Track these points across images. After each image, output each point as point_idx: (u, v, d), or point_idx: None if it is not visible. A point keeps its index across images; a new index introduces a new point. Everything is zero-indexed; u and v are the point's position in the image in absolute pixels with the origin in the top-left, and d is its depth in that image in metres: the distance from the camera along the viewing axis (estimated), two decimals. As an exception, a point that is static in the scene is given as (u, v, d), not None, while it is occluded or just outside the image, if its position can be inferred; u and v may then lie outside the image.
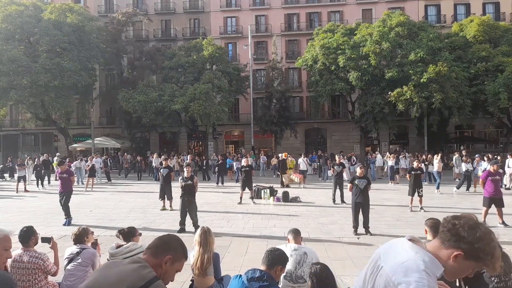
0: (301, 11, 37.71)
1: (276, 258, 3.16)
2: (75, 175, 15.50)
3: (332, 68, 28.07)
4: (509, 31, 29.24)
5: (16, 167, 18.84)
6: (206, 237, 4.36)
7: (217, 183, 19.68)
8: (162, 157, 19.46)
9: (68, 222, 9.91)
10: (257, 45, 37.75)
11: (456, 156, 20.74)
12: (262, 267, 3.12)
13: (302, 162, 19.17)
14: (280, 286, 4.34)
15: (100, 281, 1.70)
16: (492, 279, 3.98)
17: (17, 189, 17.45)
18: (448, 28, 32.71)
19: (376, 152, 26.17)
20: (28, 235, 4.17)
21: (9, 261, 3.99)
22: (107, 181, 22.19)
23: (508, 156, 17.07)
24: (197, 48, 31.64)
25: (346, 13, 37.05)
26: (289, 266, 4.35)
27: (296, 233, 4.67)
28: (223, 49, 33.40)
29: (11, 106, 34.63)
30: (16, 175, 19.02)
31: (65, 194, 10.16)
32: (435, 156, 17.53)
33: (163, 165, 12.71)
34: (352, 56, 26.88)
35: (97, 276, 1.76)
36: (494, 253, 1.48)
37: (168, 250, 1.81)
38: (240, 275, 3.09)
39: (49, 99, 27.73)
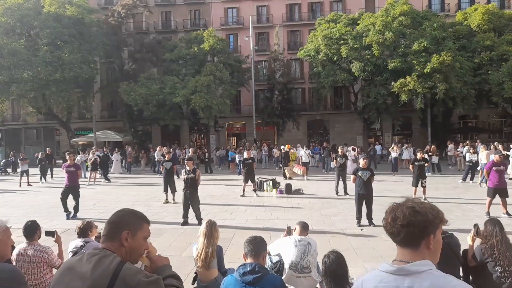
0: (302, 1, 37.28)
1: (259, 246, 3.19)
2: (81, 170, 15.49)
3: (335, 58, 27.85)
4: (514, 20, 28.85)
5: (19, 161, 18.89)
6: (211, 230, 4.36)
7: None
8: (164, 149, 19.42)
9: (73, 216, 9.97)
10: (259, 36, 37.44)
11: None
12: (249, 259, 3.13)
13: (304, 154, 19.10)
14: (284, 276, 4.35)
15: None
16: (496, 268, 3.97)
17: (20, 183, 17.53)
18: (452, 17, 32.32)
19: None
20: (32, 229, 4.19)
21: (14, 254, 4.03)
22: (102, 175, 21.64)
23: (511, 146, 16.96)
24: (198, 40, 31.42)
25: (349, 2, 36.63)
26: (294, 257, 4.37)
27: (304, 226, 4.66)
28: (224, 40, 33.15)
29: (13, 100, 34.66)
30: (19, 169, 19.08)
31: (72, 189, 10.16)
32: (482, 148, 15.58)
33: (166, 158, 12.69)
34: (355, 46, 26.64)
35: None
36: (437, 210, 1.49)
37: (122, 227, 1.73)
38: (232, 274, 3.11)
39: (50, 93, 27.72)
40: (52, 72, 26.52)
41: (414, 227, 1.44)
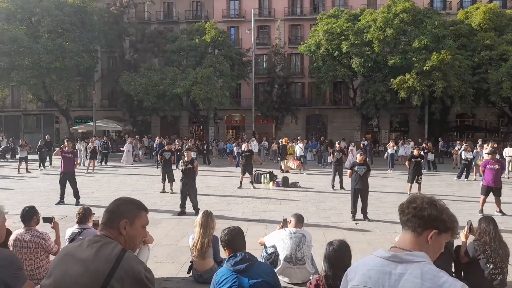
0: (305, -4, 37.06)
1: (239, 237, 3.24)
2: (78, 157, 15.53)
3: (335, 54, 27.77)
4: (515, 19, 28.78)
5: (18, 148, 18.90)
6: (208, 220, 4.43)
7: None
8: (172, 144, 19.41)
9: (76, 203, 10.11)
10: (260, 30, 37.25)
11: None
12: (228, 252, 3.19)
13: (298, 148, 19.20)
14: (279, 268, 4.45)
15: (65, 279, 1.64)
16: (488, 265, 4.05)
17: (18, 169, 17.58)
18: (453, 15, 32.21)
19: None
20: (30, 215, 4.24)
21: (11, 240, 4.07)
22: (100, 163, 21.40)
23: (507, 145, 17.02)
24: (200, 32, 31.32)
25: (351, -2, 36.42)
26: (288, 249, 4.45)
27: (299, 219, 4.72)
28: (225, 33, 33.06)
29: (13, 87, 34.55)
30: (17, 156, 19.10)
31: (69, 176, 10.25)
32: (485, 146, 15.24)
33: (166, 149, 12.79)
34: (356, 42, 26.57)
35: (59, 273, 1.67)
36: (455, 219, 1.55)
37: (120, 216, 1.77)
38: (223, 265, 3.17)
39: (51, 81, 27.63)
40: (52, 60, 26.41)
41: (424, 214, 1.50)
